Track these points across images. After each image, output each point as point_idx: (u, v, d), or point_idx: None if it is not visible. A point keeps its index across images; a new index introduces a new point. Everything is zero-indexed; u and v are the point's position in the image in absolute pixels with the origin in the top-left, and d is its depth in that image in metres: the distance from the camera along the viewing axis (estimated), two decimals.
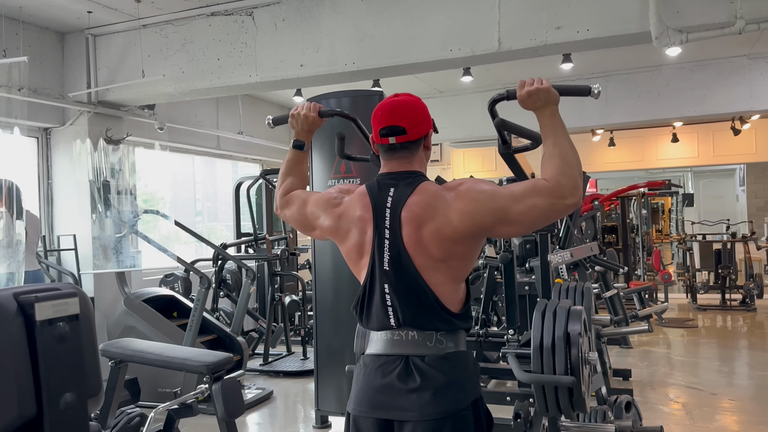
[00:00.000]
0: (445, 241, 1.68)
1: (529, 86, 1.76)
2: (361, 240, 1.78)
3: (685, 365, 6.33)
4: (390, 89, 8.13)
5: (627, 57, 7.37)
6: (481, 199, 1.68)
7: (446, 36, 4.65)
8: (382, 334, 1.77)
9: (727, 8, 3.93)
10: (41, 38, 5.62)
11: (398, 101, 1.80)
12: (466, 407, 1.70)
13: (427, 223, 1.69)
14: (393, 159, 1.81)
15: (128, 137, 6.08)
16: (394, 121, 1.76)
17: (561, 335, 2.08)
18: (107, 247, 5.45)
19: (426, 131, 1.82)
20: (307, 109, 2.04)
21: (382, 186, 1.78)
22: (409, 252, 1.70)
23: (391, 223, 1.72)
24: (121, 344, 3.37)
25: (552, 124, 1.74)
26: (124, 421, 3.76)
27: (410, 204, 1.71)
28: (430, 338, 1.71)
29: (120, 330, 5.37)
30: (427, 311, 1.71)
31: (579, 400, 2.08)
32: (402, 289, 1.71)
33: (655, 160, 11.35)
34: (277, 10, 5.14)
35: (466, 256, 1.74)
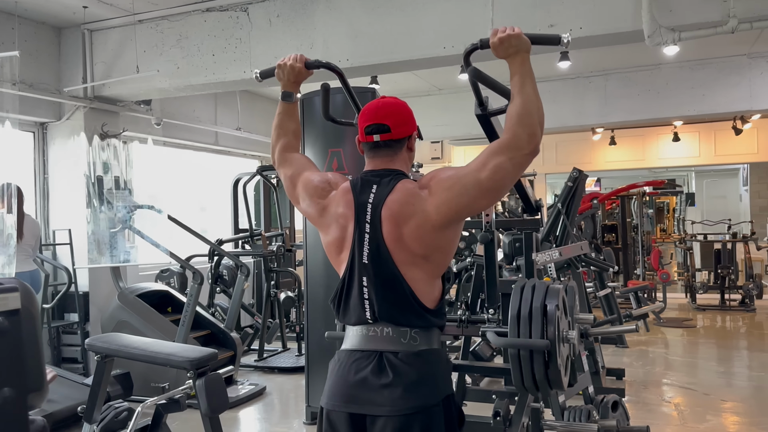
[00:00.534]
0: (426, 236, 1.72)
1: (501, 33, 1.76)
2: (342, 235, 1.81)
3: (681, 365, 6.31)
4: (388, 86, 8.15)
5: (626, 55, 7.34)
6: (451, 186, 1.72)
7: (440, 33, 4.64)
8: (357, 329, 1.79)
9: (720, 7, 3.91)
10: (38, 33, 5.64)
11: (385, 102, 1.84)
12: (436, 403, 1.72)
13: (408, 221, 1.72)
14: (377, 157, 1.84)
15: (124, 132, 6.09)
16: (380, 120, 1.80)
17: (538, 306, 2.06)
18: (101, 242, 5.46)
19: (410, 132, 1.86)
20: (293, 60, 2.06)
21: (365, 183, 1.81)
22: (388, 246, 1.73)
23: (372, 219, 1.75)
24: (106, 339, 3.38)
25: (521, 72, 1.75)
26: (111, 415, 3.80)
27: (390, 202, 1.74)
28: (404, 335, 1.74)
29: (114, 325, 5.39)
30: (402, 306, 1.74)
31: (555, 372, 2.03)
32: (380, 282, 1.75)
33: (656, 159, 11.31)
34: (271, 6, 5.14)
35: (446, 248, 1.78)
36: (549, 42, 1.84)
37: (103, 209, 5.54)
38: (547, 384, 2.01)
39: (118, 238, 5.71)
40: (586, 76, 8.08)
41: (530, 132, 1.69)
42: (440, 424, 1.72)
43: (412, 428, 1.68)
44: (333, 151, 4.65)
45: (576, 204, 6.01)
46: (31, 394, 1.18)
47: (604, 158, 11.62)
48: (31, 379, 1.18)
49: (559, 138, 11.66)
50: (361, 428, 1.73)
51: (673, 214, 17.58)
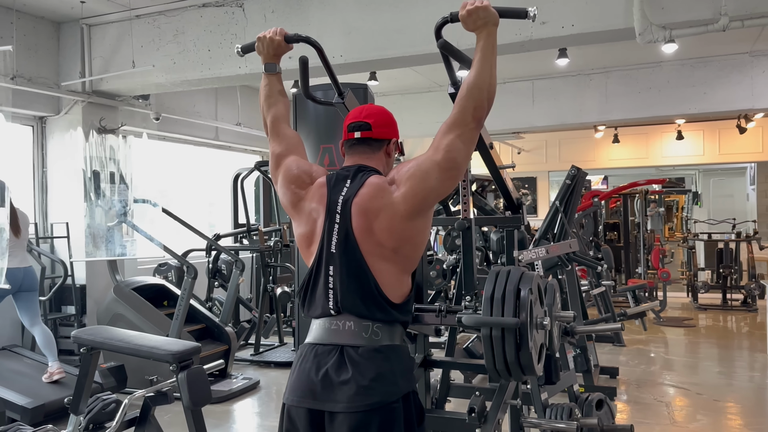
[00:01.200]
0: (396, 227, 1.74)
1: (470, 6, 1.80)
2: (312, 228, 1.84)
3: (678, 365, 6.29)
4: (387, 83, 8.16)
5: (627, 53, 7.30)
6: (413, 174, 1.75)
7: (432, 29, 4.62)
8: (320, 322, 1.81)
9: (712, 4, 3.88)
10: (37, 28, 5.69)
11: (370, 106, 1.93)
12: (396, 400, 1.72)
13: (378, 214, 1.75)
14: (355, 153, 1.89)
15: (123, 127, 6.14)
16: (362, 118, 1.87)
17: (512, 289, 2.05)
18: (97, 236, 5.51)
19: (390, 135, 1.91)
20: (273, 33, 2.09)
21: (339, 178, 1.85)
22: (356, 237, 1.75)
23: (342, 211, 1.78)
24: (92, 332, 3.42)
25: (484, 45, 1.79)
26: (98, 407, 3.82)
27: (360, 196, 1.77)
28: (366, 329, 1.74)
29: (109, 318, 5.44)
30: (366, 297, 1.75)
31: (526, 356, 2.01)
32: (345, 271, 1.76)
33: (660, 157, 11.25)
34: (267, 1, 5.15)
35: (416, 239, 1.80)
36: (517, 15, 1.87)
37: (100, 203, 5.59)
38: (519, 367, 1.99)
39: (115, 231, 5.75)
40: (587, 74, 8.05)
41: (476, 105, 1.74)
42: (399, 421, 1.72)
43: (370, 425, 1.68)
44: (325, 147, 4.67)
45: (575, 202, 5.99)
46: None
47: (607, 156, 11.57)
48: None
49: (562, 136, 11.63)
50: (320, 425, 1.73)
51: (681, 212, 17.50)
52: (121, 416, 3.41)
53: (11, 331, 5.43)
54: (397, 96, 9.02)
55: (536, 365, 2.05)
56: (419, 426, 1.82)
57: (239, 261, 5.80)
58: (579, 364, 5.19)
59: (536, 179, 12.41)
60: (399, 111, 9.30)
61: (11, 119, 5.49)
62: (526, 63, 7.54)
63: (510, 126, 8.78)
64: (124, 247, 5.81)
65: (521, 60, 6.96)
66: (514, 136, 10.13)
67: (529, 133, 10.62)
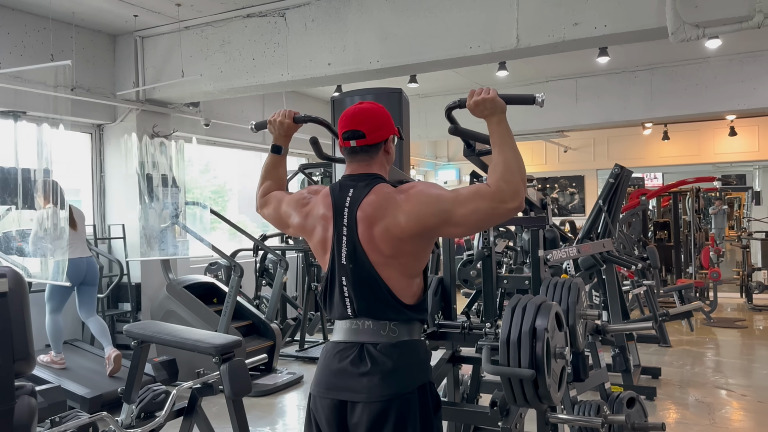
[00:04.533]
0: (394, 240, 1.80)
1: (476, 96, 1.83)
2: (324, 236, 1.91)
3: (724, 366, 6.17)
4: (428, 84, 8.27)
5: (672, 49, 7.18)
6: (428, 202, 1.78)
7: (466, 33, 4.73)
8: (342, 323, 1.91)
9: (746, 2, 3.84)
10: (94, 41, 6.05)
11: (360, 108, 1.91)
12: (411, 391, 1.83)
13: (378, 222, 1.80)
14: (354, 161, 1.93)
15: (174, 133, 6.45)
16: (355, 126, 1.87)
17: (527, 330, 2.15)
18: (151, 236, 5.82)
19: (385, 136, 1.92)
20: (282, 116, 2.18)
21: (343, 187, 1.91)
22: (364, 248, 1.82)
23: (348, 221, 1.84)
24: (142, 326, 3.67)
25: (498, 132, 1.81)
26: (149, 397, 4.09)
27: (365, 204, 1.83)
28: (383, 327, 1.85)
29: (162, 314, 5.75)
30: (380, 302, 1.84)
31: (545, 392, 2.15)
32: (357, 281, 1.84)
33: (712, 154, 10.97)
34: (307, 11, 5.34)
35: (415, 255, 1.85)
36: (524, 102, 1.89)
37: (153, 206, 5.90)
38: (538, 401, 2.11)
39: (168, 232, 6.05)
40: (632, 71, 7.95)
41: (514, 189, 1.74)
42: (415, 410, 1.83)
43: (388, 414, 1.79)
44: None
45: (619, 201, 5.97)
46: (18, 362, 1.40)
47: (657, 153, 11.35)
48: (17, 350, 1.40)
49: (609, 133, 11.47)
50: (342, 413, 1.87)
51: (742, 210, 16.91)
52: (169, 406, 3.64)
53: (72, 326, 5.79)
54: (439, 97, 9.11)
55: (555, 395, 2.14)
56: (435, 414, 1.93)
57: (284, 260, 6.02)
58: (618, 363, 5.19)
59: (584, 178, 12.28)
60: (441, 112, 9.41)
61: (71, 127, 5.86)
62: (569, 61, 7.52)
63: (553, 125, 8.74)
64: (177, 247, 6.11)
65: (564, 58, 6.95)
66: (558, 134, 10.07)
67: (573, 131, 10.53)
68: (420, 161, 12.87)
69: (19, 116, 5.23)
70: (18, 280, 1.50)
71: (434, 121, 9.19)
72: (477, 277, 5.89)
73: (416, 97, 8.80)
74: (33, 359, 1.57)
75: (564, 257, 3.65)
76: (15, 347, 1.38)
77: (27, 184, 4.88)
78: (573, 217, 11.02)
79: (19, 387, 1.55)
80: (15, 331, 1.38)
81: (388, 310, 1.84)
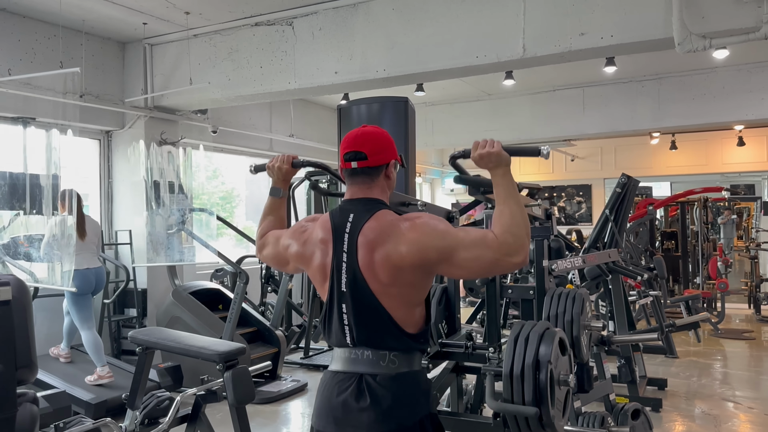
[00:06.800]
0: (393, 268, 1.75)
1: (481, 149, 1.85)
2: (323, 261, 1.86)
3: (732, 378, 6.12)
4: (435, 92, 8.28)
5: (680, 59, 7.14)
6: (432, 235, 1.75)
7: (473, 43, 4.74)
8: (341, 351, 1.87)
9: (754, 13, 3.83)
10: (104, 48, 6.10)
11: (364, 131, 1.88)
12: (412, 424, 1.80)
13: (379, 248, 1.76)
14: (354, 184, 1.89)
15: (182, 140, 6.49)
16: (357, 147, 1.84)
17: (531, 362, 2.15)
18: (158, 242, 5.85)
19: (387, 160, 1.89)
20: (281, 162, 2.17)
21: (343, 212, 1.86)
22: (364, 275, 1.77)
23: (348, 247, 1.80)
24: (147, 332, 3.68)
25: (503, 184, 1.81)
26: (153, 403, 4.09)
27: (366, 229, 1.79)
28: (383, 358, 1.81)
29: (167, 320, 5.76)
30: (380, 331, 1.80)
31: (549, 422, 2.16)
32: (358, 309, 1.80)
33: (720, 164, 10.93)
34: (314, 19, 5.37)
35: (416, 285, 1.80)
36: (529, 154, 1.91)
37: (160, 212, 5.93)
38: (541, 427, 2.12)
39: (174, 238, 6.08)
40: (639, 80, 7.94)
41: (521, 243, 1.74)
42: None
43: None
44: None
45: (626, 210, 5.95)
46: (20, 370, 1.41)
47: (665, 163, 11.33)
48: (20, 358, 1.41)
49: (617, 142, 11.46)
50: None
51: (751, 220, 16.81)
52: (173, 413, 3.65)
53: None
54: (446, 105, 9.13)
55: (559, 424, 2.14)
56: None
57: None
58: (623, 374, 5.16)
59: (591, 187, 12.25)
60: (448, 120, 9.45)
61: (80, 134, 5.91)
62: (576, 70, 7.52)
63: (560, 133, 8.74)
64: (183, 253, 6.13)
65: (571, 67, 6.95)
66: (565, 143, 10.06)
67: (580, 140, 10.52)
68: (426, 169, 12.88)
69: (29, 122, 5.28)
70: (21, 287, 1.51)
71: (440, 128, 9.21)
72: (482, 285, 5.86)
73: (423, 105, 8.82)
74: (35, 367, 1.59)
75: (569, 267, 3.64)
76: (18, 355, 1.39)
77: (35, 190, 4.92)
78: (580, 226, 11.00)
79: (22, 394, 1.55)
80: (18, 339, 1.39)
81: (388, 338, 1.80)
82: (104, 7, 5.27)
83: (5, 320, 1.33)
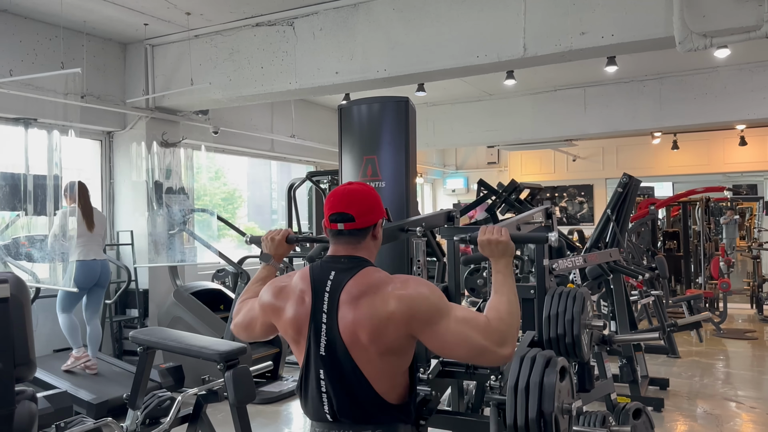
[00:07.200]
0: (376, 328, 1.62)
1: (489, 235, 1.82)
2: (298, 314, 1.73)
3: (734, 378, 6.11)
4: (436, 92, 8.28)
5: (681, 58, 7.16)
6: (425, 295, 1.64)
7: (473, 43, 4.74)
8: (320, 427, 1.74)
9: (754, 12, 3.83)
10: (105, 49, 6.11)
11: (351, 189, 1.78)
12: None
13: (363, 306, 1.63)
14: (339, 243, 1.77)
15: (183, 140, 6.49)
16: (344, 208, 1.73)
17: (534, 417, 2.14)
18: (159, 243, 5.86)
19: (375, 221, 1.78)
20: (275, 233, 2.15)
21: (324, 268, 1.74)
22: (344, 339, 1.64)
23: (328, 307, 1.67)
24: (148, 332, 3.68)
25: (503, 273, 1.79)
26: (154, 403, 4.09)
27: (349, 287, 1.66)
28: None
29: (169, 320, 5.77)
30: (363, 402, 1.67)
31: None
32: (337, 377, 1.66)
33: (722, 164, 10.92)
34: (315, 20, 5.37)
35: (397, 351, 1.67)
36: (538, 242, 1.89)
37: (161, 212, 5.93)
38: None
39: (176, 239, 6.09)
40: (640, 80, 7.94)
41: (512, 335, 1.68)
42: None
43: None
44: (368, 158, 4.82)
45: (627, 210, 5.95)
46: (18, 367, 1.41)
47: (666, 163, 11.31)
48: (18, 355, 1.41)
49: (618, 142, 11.44)
50: None
51: (753, 220, 16.78)
52: (174, 413, 3.65)
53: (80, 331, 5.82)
54: (447, 105, 9.12)
55: None
56: None
57: (290, 267, 6.03)
58: (625, 374, 5.15)
59: (593, 187, 12.24)
60: (449, 120, 9.45)
61: (81, 134, 5.92)
62: (577, 70, 7.52)
63: (561, 133, 8.73)
64: (184, 253, 6.14)
65: (572, 67, 6.96)
66: (566, 143, 10.05)
67: (581, 140, 10.51)
68: (428, 169, 12.87)
69: (30, 123, 5.29)
70: (20, 285, 1.51)
71: (442, 129, 9.21)
72: (483, 285, 5.86)
73: (424, 105, 8.82)
74: (33, 364, 1.59)
75: (570, 266, 3.64)
76: (16, 352, 1.39)
77: (37, 191, 4.94)
78: (582, 226, 10.99)
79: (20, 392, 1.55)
80: (16, 336, 1.39)
81: (372, 410, 1.67)
82: (105, 7, 5.28)
83: (3, 318, 1.33)
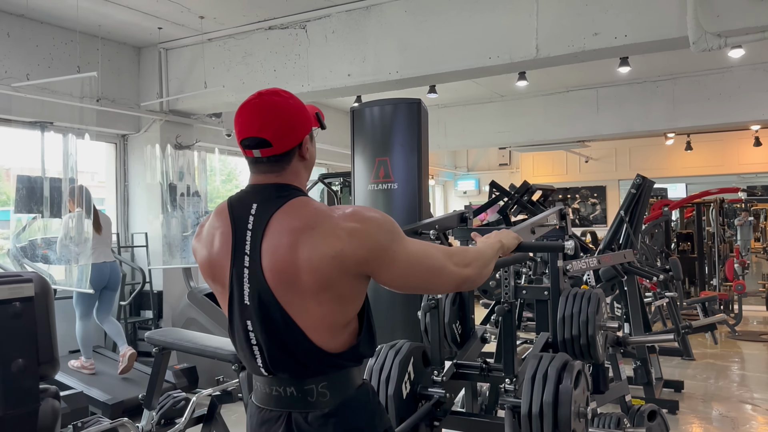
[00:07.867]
0: (318, 272, 1.35)
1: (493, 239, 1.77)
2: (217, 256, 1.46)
3: (749, 380, 6.06)
4: (448, 94, 8.27)
5: (694, 59, 7.12)
6: (379, 221, 1.40)
7: (485, 44, 4.75)
8: (259, 381, 1.50)
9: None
10: (120, 53, 6.17)
11: (262, 103, 1.42)
12: None
13: (297, 246, 1.36)
14: (259, 172, 1.47)
15: (197, 143, 6.55)
16: (256, 132, 1.39)
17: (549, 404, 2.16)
18: (173, 245, 5.90)
19: (299, 139, 1.44)
20: None
21: (244, 202, 1.45)
22: (271, 286, 1.38)
23: (251, 248, 1.40)
24: (163, 333, 3.71)
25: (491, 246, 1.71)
26: (169, 404, 4.12)
27: (276, 222, 1.39)
28: (311, 393, 1.43)
29: (183, 321, 5.81)
30: (299, 355, 1.42)
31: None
32: (266, 328, 1.41)
33: (736, 165, 10.83)
34: (327, 22, 5.40)
35: (344, 298, 1.42)
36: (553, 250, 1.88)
37: (176, 214, 5.98)
38: None
39: (189, 241, 6.13)
40: (653, 81, 7.89)
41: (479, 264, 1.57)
42: None
43: None
44: (380, 160, 4.84)
45: (641, 212, 5.92)
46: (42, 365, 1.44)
47: (680, 164, 11.23)
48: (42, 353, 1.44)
49: (631, 143, 11.39)
50: None
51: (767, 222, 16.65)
52: (189, 413, 3.69)
53: (95, 333, 5.87)
54: (459, 107, 9.13)
55: None
56: None
57: None
58: (639, 376, 5.12)
59: (606, 188, 12.18)
60: (461, 121, 9.45)
61: (96, 138, 5.98)
62: (590, 71, 7.49)
63: (574, 134, 8.70)
64: None
65: (584, 68, 6.93)
66: (579, 144, 10.02)
67: (594, 141, 10.47)
68: (439, 171, 12.87)
69: (46, 127, 5.35)
70: (43, 285, 1.54)
71: (453, 131, 9.20)
72: (496, 287, 5.85)
73: (435, 107, 8.83)
74: (57, 363, 1.62)
75: (584, 268, 3.62)
76: (40, 350, 1.42)
77: (54, 194, 4.99)
78: (595, 227, 10.94)
79: (44, 390, 1.58)
80: (40, 335, 1.42)
81: (309, 363, 1.42)
82: (120, 12, 5.34)
83: (28, 316, 1.36)
